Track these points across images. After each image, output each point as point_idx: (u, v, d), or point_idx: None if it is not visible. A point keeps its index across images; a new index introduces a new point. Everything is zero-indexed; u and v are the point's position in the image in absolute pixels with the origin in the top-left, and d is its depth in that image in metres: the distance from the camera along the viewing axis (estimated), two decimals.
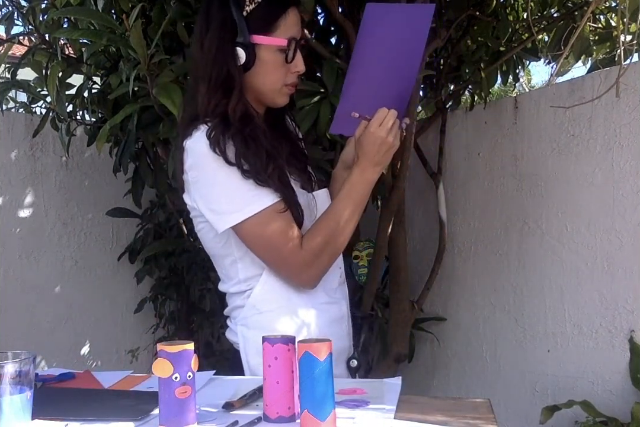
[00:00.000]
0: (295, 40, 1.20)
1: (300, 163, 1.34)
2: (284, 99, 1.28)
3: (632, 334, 2.13)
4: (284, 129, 1.37)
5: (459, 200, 2.79)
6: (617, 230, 2.19)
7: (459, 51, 2.68)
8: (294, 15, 1.19)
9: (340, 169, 1.42)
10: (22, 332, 2.69)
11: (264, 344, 0.92)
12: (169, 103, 1.67)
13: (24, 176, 2.73)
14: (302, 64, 1.22)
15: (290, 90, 1.26)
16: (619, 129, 2.19)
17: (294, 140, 1.39)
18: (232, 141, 1.15)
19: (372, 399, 1.00)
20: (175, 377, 0.86)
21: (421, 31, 1.10)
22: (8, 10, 2.22)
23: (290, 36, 1.20)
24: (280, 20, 1.18)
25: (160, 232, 2.91)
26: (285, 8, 1.18)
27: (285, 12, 1.18)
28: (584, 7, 2.25)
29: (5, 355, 0.83)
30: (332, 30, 2.40)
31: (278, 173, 1.19)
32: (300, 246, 1.19)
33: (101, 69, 2.14)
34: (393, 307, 2.56)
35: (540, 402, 2.39)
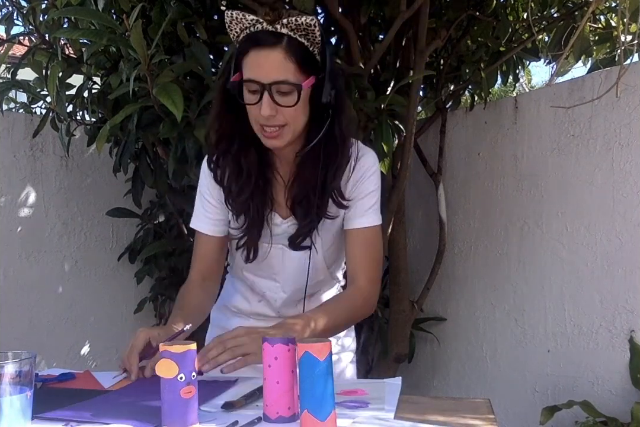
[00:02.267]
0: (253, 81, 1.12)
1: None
2: (266, 142, 1.19)
3: (632, 334, 2.13)
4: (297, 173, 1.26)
5: (459, 201, 2.79)
6: (617, 230, 2.19)
7: (459, 51, 2.69)
8: (255, 57, 1.11)
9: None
10: (22, 332, 2.69)
11: (264, 344, 0.92)
12: (169, 103, 1.67)
13: (24, 176, 2.73)
14: (265, 109, 1.11)
15: (267, 135, 1.17)
16: (619, 129, 2.19)
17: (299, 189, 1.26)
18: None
19: (372, 400, 1.00)
20: (180, 378, 0.86)
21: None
22: (8, 10, 2.23)
23: (247, 76, 1.13)
24: (244, 59, 1.14)
25: (160, 232, 2.91)
26: (247, 48, 1.13)
27: (247, 52, 1.13)
28: (584, 7, 2.25)
29: (5, 355, 0.83)
30: (332, 30, 2.40)
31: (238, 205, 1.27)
32: (192, 273, 1.36)
33: (101, 69, 2.14)
34: (393, 307, 2.57)
35: (540, 403, 2.39)
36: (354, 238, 1.28)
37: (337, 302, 1.25)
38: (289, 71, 1.11)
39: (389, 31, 2.09)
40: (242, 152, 1.24)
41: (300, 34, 1.11)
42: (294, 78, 1.12)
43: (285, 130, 1.17)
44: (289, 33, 1.11)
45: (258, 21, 1.11)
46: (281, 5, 2.01)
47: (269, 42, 1.10)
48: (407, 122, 2.21)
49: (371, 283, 1.28)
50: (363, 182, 1.26)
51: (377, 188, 1.28)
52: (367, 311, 1.30)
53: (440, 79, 2.70)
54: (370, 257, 1.28)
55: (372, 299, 1.30)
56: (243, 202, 1.26)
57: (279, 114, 1.14)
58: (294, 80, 1.12)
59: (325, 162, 1.21)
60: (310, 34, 1.12)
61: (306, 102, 1.17)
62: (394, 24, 2.06)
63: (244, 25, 1.13)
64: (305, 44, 1.13)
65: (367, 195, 1.27)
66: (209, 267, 1.36)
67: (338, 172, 1.22)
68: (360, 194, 1.26)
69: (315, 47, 1.14)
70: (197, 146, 1.85)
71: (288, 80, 1.11)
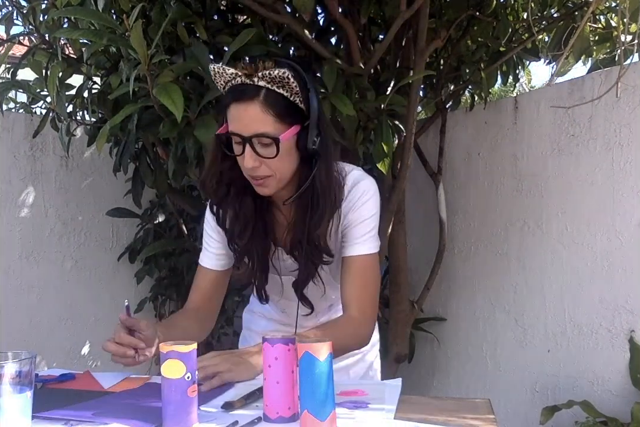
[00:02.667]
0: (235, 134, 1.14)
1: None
2: (257, 190, 1.20)
3: (632, 334, 2.13)
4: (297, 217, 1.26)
5: (459, 201, 2.79)
6: (617, 230, 2.19)
7: (459, 51, 2.68)
8: (235, 110, 1.13)
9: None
10: (22, 332, 2.69)
11: (264, 344, 0.92)
12: (169, 103, 1.67)
13: (24, 176, 2.73)
14: (248, 162, 1.13)
15: (254, 182, 1.19)
16: (619, 129, 2.19)
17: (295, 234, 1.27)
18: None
19: (372, 400, 1.00)
20: (187, 377, 0.86)
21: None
22: (8, 10, 2.22)
23: (231, 129, 1.14)
24: (227, 113, 1.15)
25: (160, 232, 2.91)
26: (229, 102, 1.14)
27: (228, 106, 1.14)
28: (584, 8, 2.25)
29: (6, 355, 0.83)
30: (332, 30, 2.40)
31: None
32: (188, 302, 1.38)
33: (101, 69, 2.14)
34: (393, 307, 2.56)
35: (540, 402, 2.39)
36: (348, 266, 1.26)
37: (325, 330, 1.21)
38: (267, 124, 1.11)
39: (389, 31, 2.09)
40: (239, 198, 1.25)
41: (278, 85, 1.11)
42: (273, 130, 1.12)
43: (270, 180, 1.17)
44: (267, 85, 1.11)
45: (237, 74, 1.12)
46: (282, 6, 2.01)
47: (247, 96, 1.11)
48: (407, 122, 2.20)
49: (362, 313, 1.24)
50: (357, 209, 1.25)
51: (374, 215, 1.26)
52: (358, 341, 1.27)
53: (440, 79, 2.70)
54: (363, 286, 1.26)
55: (364, 330, 1.26)
56: (244, 246, 1.27)
57: (263, 165, 1.15)
58: (273, 132, 1.12)
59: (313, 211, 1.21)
60: (287, 86, 1.11)
61: (292, 150, 1.17)
62: (394, 24, 2.06)
63: (226, 78, 1.14)
64: (285, 95, 1.12)
65: (362, 223, 1.25)
66: (205, 300, 1.37)
67: (320, 221, 1.20)
68: (355, 221, 1.25)
69: (296, 96, 1.13)
70: (197, 146, 1.85)
71: (267, 133, 1.11)
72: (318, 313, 1.41)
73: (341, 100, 1.89)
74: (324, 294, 1.34)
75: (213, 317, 1.40)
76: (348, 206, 1.25)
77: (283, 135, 1.12)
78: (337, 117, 2.00)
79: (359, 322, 1.25)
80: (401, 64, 2.52)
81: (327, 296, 1.37)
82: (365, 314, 1.25)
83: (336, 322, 1.27)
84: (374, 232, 1.27)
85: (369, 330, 1.28)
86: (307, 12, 1.89)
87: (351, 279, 1.26)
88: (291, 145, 1.16)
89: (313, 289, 1.32)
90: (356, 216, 1.25)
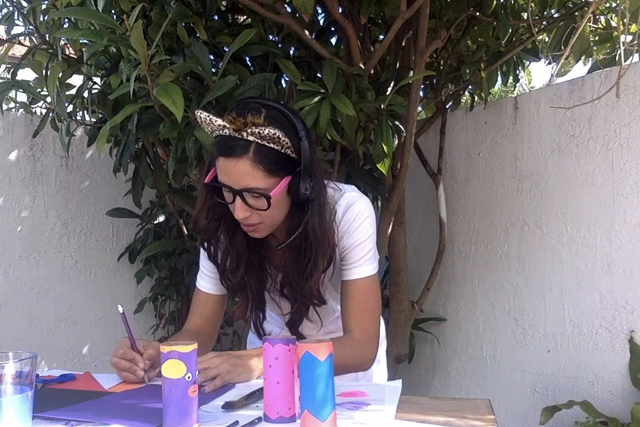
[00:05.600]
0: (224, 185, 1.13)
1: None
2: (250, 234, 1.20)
3: (632, 334, 2.13)
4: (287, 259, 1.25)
5: (459, 200, 2.79)
6: (617, 230, 2.19)
7: (459, 51, 2.69)
8: (224, 164, 1.11)
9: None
10: (22, 332, 2.69)
11: (265, 344, 0.92)
12: (169, 103, 1.66)
13: (24, 176, 2.73)
14: (238, 213, 1.12)
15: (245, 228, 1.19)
16: (619, 129, 2.19)
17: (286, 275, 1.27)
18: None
19: (372, 401, 1.00)
20: (188, 377, 0.86)
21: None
22: (8, 10, 2.22)
23: (220, 180, 1.13)
24: (216, 163, 1.13)
25: (160, 233, 2.91)
26: (217, 155, 1.11)
27: (217, 158, 1.12)
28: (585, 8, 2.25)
29: (6, 355, 0.83)
30: (332, 30, 2.40)
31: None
32: (188, 324, 1.37)
33: (101, 70, 2.14)
34: (393, 308, 2.56)
35: (540, 402, 2.39)
36: (348, 290, 1.25)
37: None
38: (257, 179, 1.10)
39: (389, 31, 2.09)
40: (230, 235, 1.24)
41: (268, 141, 1.09)
42: (264, 184, 1.10)
43: (261, 226, 1.17)
44: (257, 140, 1.08)
45: (225, 126, 1.09)
46: (282, 6, 2.01)
47: (237, 152, 1.08)
48: (407, 122, 2.20)
49: (365, 335, 1.23)
50: (353, 232, 1.23)
51: (370, 236, 1.25)
52: (360, 361, 1.24)
53: (440, 79, 2.70)
54: (364, 309, 1.24)
55: (366, 352, 1.24)
56: (238, 282, 1.27)
57: (254, 214, 1.14)
58: (264, 186, 1.10)
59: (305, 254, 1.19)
60: (277, 142, 1.09)
61: (284, 198, 1.16)
62: (394, 24, 2.06)
63: (212, 128, 1.12)
64: (276, 148, 1.10)
65: (359, 246, 1.23)
66: (205, 322, 1.37)
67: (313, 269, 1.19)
68: (352, 245, 1.23)
69: (287, 149, 1.11)
70: (197, 146, 1.85)
71: (257, 188, 1.10)
72: (325, 323, 1.40)
73: (341, 100, 1.89)
74: (320, 329, 1.35)
75: (213, 337, 1.41)
76: (343, 230, 1.23)
77: (274, 191, 1.11)
78: (337, 117, 2.00)
79: (360, 343, 1.23)
80: (401, 64, 2.52)
81: (331, 308, 1.36)
82: (368, 336, 1.24)
83: (338, 340, 1.22)
84: (372, 253, 1.26)
85: (371, 351, 1.26)
86: (307, 12, 1.89)
87: (351, 303, 1.24)
88: (283, 195, 1.15)
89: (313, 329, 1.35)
90: (352, 240, 1.23)
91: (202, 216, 1.24)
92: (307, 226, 1.17)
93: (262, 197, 1.11)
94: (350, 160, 2.29)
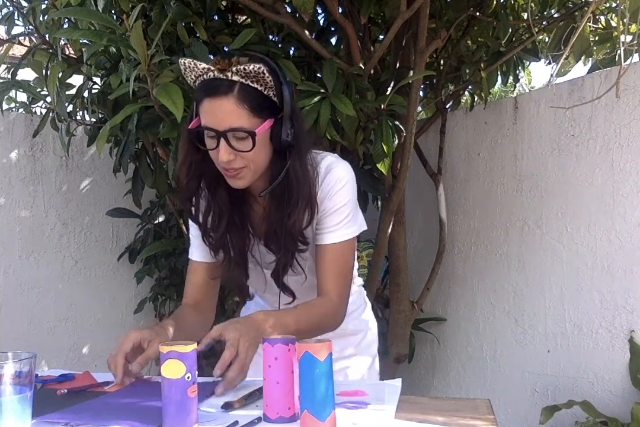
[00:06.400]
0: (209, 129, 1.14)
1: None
2: (230, 182, 1.21)
3: (632, 334, 2.13)
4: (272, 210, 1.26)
5: (459, 200, 2.79)
6: (617, 230, 2.19)
7: (459, 51, 2.69)
8: (209, 105, 1.13)
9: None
10: (22, 332, 2.69)
11: (264, 344, 0.92)
12: (169, 103, 1.67)
13: (24, 176, 2.73)
14: (223, 156, 1.13)
15: (228, 174, 1.19)
16: (619, 129, 2.19)
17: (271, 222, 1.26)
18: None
19: (372, 401, 1.00)
20: (187, 377, 0.86)
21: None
22: (8, 10, 2.23)
23: (204, 124, 1.15)
24: (200, 107, 1.16)
25: (160, 232, 2.91)
26: (202, 97, 1.13)
27: (202, 100, 1.14)
28: (584, 8, 2.25)
29: (6, 355, 0.83)
30: (332, 30, 2.40)
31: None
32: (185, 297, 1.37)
33: (101, 69, 2.14)
34: (393, 308, 2.56)
35: (540, 402, 2.39)
36: (324, 254, 1.27)
37: (311, 307, 1.23)
38: (242, 118, 1.12)
39: (389, 31, 2.09)
40: (212, 191, 1.26)
41: (252, 80, 1.12)
42: (248, 124, 1.12)
43: (245, 171, 1.18)
44: (241, 80, 1.11)
45: (210, 69, 1.12)
46: (282, 6, 2.01)
47: (221, 90, 1.11)
48: (407, 122, 2.20)
49: (341, 298, 1.27)
50: (332, 196, 1.24)
51: (349, 201, 1.26)
52: (335, 322, 1.29)
53: (440, 79, 2.70)
54: (340, 272, 1.27)
55: (341, 313, 1.28)
56: (219, 239, 1.27)
57: (238, 158, 1.15)
58: (248, 126, 1.12)
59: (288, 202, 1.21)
60: (261, 80, 1.12)
61: (266, 142, 1.17)
62: (394, 24, 2.06)
63: (197, 73, 1.14)
64: (259, 89, 1.13)
65: (337, 211, 1.25)
66: (202, 292, 1.37)
67: (294, 210, 1.21)
68: (330, 209, 1.25)
69: (270, 90, 1.14)
70: None
71: (242, 128, 1.12)
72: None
73: (341, 100, 1.89)
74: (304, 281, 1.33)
75: (213, 307, 1.40)
76: (323, 194, 1.25)
77: (259, 129, 1.13)
78: (337, 117, 2.00)
79: (339, 306, 1.27)
80: (401, 64, 2.53)
81: (311, 283, 1.35)
82: (343, 299, 1.28)
83: (314, 303, 1.26)
84: (350, 217, 1.27)
85: (344, 311, 1.30)
86: (307, 12, 1.89)
87: (328, 266, 1.26)
88: (265, 139, 1.17)
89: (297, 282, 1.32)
90: (331, 204, 1.25)
91: (183, 172, 1.24)
92: (289, 172, 1.19)
93: (246, 138, 1.13)
94: (350, 160, 2.29)
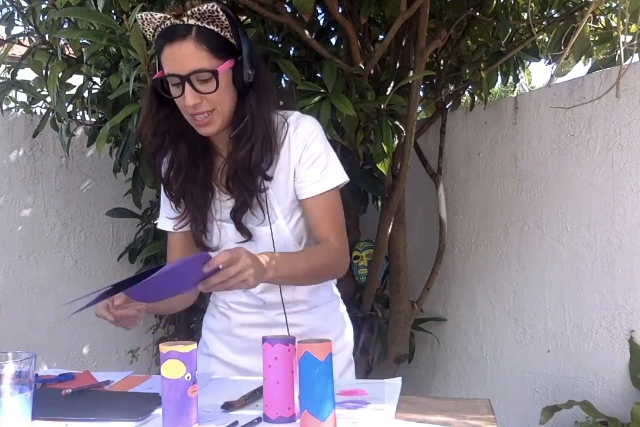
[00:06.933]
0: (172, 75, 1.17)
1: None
2: (200, 130, 1.23)
3: (632, 334, 2.13)
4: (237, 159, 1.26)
5: (459, 200, 2.79)
6: (617, 230, 2.19)
7: (459, 51, 2.68)
8: (169, 52, 1.16)
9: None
10: (22, 332, 2.69)
11: (264, 344, 0.92)
12: None
13: (24, 176, 2.73)
14: (189, 100, 1.16)
15: (197, 123, 1.21)
16: (619, 129, 2.19)
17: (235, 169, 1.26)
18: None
19: (372, 400, 1.00)
20: (187, 377, 0.86)
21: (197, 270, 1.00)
22: (8, 10, 2.23)
23: (167, 71, 1.18)
24: (161, 57, 1.19)
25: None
26: (161, 45, 1.17)
27: (162, 48, 1.17)
28: (584, 8, 2.25)
29: (5, 355, 0.83)
30: (332, 30, 2.40)
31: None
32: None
33: (101, 70, 2.14)
34: (393, 308, 2.56)
35: (540, 402, 2.39)
36: (313, 206, 1.27)
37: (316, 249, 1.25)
38: (202, 59, 1.15)
39: (389, 31, 2.09)
40: (173, 146, 1.28)
41: (208, 21, 1.15)
42: (209, 65, 1.15)
43: (214, 115, 1.20)
44: (197, 23, 1.15)
45: (166, 17, 1.16)
46: (282, 6, 2.01)
47: (179, 35, 1.14)
48: (407, 122, 2.20)
49: (341, 242, 1.27)
50: (307, 149, 1.26)
51: (324, 151, 1.28)
52: (340, 267, 1.29)
53: (440, 79, 2.70)
54: (333, 221, 1.28)
55: (345, 258, 1.29)
56: (179, 188, 1.30)
57: (204, 101, 1.18)
58: (210, 66, 1.15)
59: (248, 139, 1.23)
60: (217, 20, 1.15)
61: (229, 85, 1.20)
62: (394, 24, 2.06)
63: (155, 24, 1.18)
64: (215, 30, 1.16)
65: (315, 162, 1.27)
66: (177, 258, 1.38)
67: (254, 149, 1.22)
68: (306, 162, 1.26)
69: (227, 31, 1.18)
70: None
71: (204, 68, 1.15)
72: (283, 288, 1.32)
73: (341, 100, 1.89)
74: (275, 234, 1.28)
75: None
76: (298, 149, 1.26)
77: (220, 68, 1.16)
78: (337, 117, 2.00)
79: (341, 250, 1.27)
80: (401, 64, 2.52)
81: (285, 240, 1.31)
82: (344, 244, 1.29)
83: (321, 246, 1.26)
84: (330, 167, 1.28)
85: (347, 259, 1.31)
86: (307, 12, 1.89)
87: (320, 216, 1.27)
88: (228, 80, 1.19)
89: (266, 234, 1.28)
90: (307, 156, 1.26)
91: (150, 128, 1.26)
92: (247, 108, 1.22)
93: (210, 79, 1.16)
94: (350, 160, 2.29)
